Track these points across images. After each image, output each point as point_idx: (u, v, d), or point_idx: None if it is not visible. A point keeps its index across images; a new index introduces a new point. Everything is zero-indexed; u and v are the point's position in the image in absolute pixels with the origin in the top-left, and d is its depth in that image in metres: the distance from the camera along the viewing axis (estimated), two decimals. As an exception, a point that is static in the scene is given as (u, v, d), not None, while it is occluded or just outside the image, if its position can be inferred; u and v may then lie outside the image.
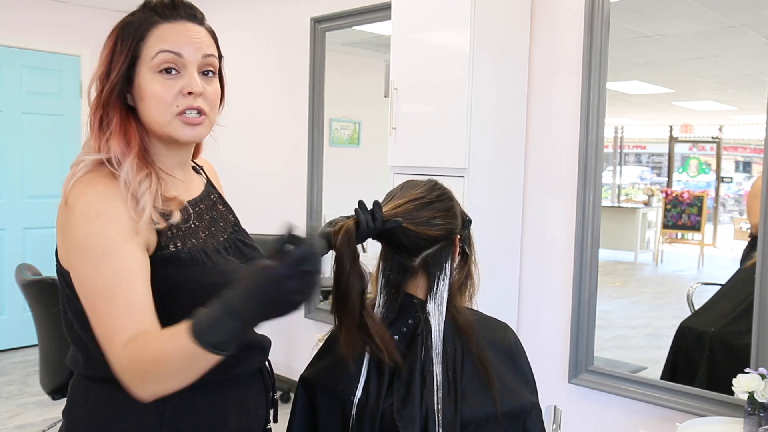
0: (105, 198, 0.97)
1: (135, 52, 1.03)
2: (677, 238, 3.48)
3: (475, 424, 1.16)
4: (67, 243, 0.99)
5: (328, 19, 3.65)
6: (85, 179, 0.99)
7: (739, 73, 3.09)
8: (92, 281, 0.93)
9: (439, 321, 1.20)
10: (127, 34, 1.04)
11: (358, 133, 4.23)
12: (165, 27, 1.05)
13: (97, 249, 0.93)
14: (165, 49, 1.02)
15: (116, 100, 1.03)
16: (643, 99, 3.40)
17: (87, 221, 0.95)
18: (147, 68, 1.02)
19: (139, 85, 1.03)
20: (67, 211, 0.98)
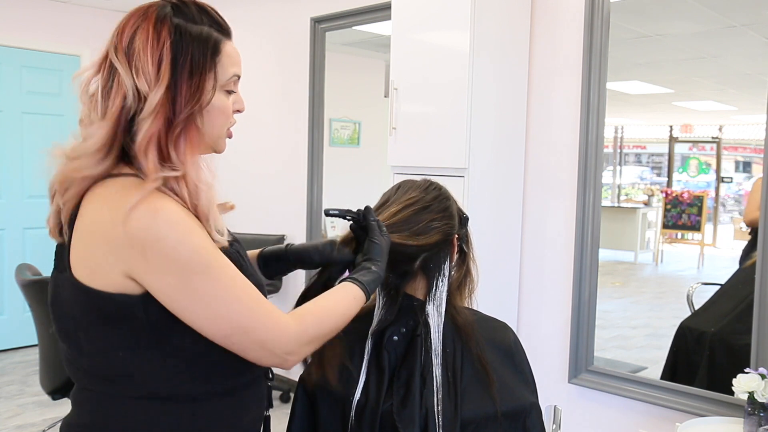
0: (182, 213, 0.94)
1: (214, 70, 1.01)
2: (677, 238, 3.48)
3: (475, 424, 1.16)
4: (157, 264, 0.92)
5: (328, 19, 3.65)
6: (148, 198, 0.92)
7: (739, 73, 3.09)
8: (217, 289, 0.95)
9: (438, 322, 1.20)
10: (196, 44, 0.99)
11: (358, 133, 4.24)
12: (229, 46, 1.05)
13: (208, 260, 0.94)
14: (238, 74, 1.06)
15: (194, 118, 0.99)
16: (643, 99, 3.40)
17: (184, 238, 0.92)
18: (218, 86, 1.02)
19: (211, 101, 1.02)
20: (139, 234, 0.91)
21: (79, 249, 0.96)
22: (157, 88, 0.95)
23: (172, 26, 0.98)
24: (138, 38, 0.97)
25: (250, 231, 4.16)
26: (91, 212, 0.96)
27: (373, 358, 1.21)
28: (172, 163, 0.96)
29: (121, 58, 0.97)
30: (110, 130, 0.96)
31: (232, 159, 4.36)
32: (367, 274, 1.11)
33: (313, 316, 1.04)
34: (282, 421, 1.29)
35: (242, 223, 4.24)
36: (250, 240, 4.08)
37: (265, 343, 0.98)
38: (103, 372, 1.00)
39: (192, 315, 0.95)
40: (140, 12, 1.00)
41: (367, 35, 3.76)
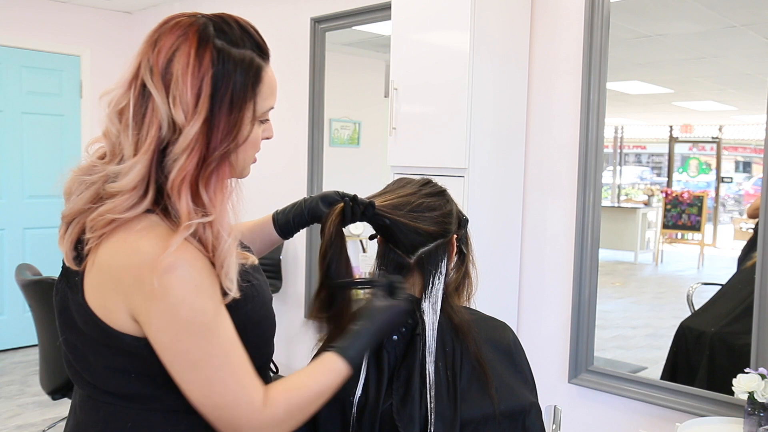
0: (197, 267, 0.89)
1: (254, 100, 0.94)
2: (677, 238, 3.48)
3: (474, 424, 1.16)
4: (157, 315, 0.89)
5: (328, 19, 3.65)
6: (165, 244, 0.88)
7: (739, 73, 3.09)
8: (206, 356, 0.90)
9: (434, 320, 1.20)
10: (239, 71, 0.92)
11: (358, 133, 4.24)
12: (269, 73, 0.98)
13: (204, 326, 0.90)
14: (273, 106, 1.00)
15: (228, 153, 0.93)
16: (643, 99, 3.40)
17: (189, 298, 0.88)
18: (252, 116, 0.96)
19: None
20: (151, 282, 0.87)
21: (94, 281, 0.93)
22: (194, 121, 0.89)
23: (214, 50, 0.91)
24: (177, 62, 0.90)
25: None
26: (109, 249, 0.91)
27: (372, 357, 1.21)
28: (204, 204, 0.90)
29: (156, 83, 0.90)
30: (146, 165, 0.89)
31: (232, 159, 4.37)
32: (352, 340, 1.04)
33: (285, 399, 0.97)
34: (282, 421, 1.29)
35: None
36: (250, 240, 4.08)
37: (236, 423, 0.93)
38: (112, 389, 0.97)
39: (175, 373, 0.92)
40: (179, 30, 0.92)
41: (367, 35, 3.76)
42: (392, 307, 1.08)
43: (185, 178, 0.89)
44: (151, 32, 0.95)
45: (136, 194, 0.90)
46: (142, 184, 0.90)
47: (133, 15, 5.19)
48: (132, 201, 0.90)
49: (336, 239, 1.16)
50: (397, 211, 1.19)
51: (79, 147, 4.94)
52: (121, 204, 0.89)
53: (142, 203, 0.90)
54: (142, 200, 0.90)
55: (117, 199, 0.89)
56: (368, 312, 1.07)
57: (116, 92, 0.94)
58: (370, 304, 1.08)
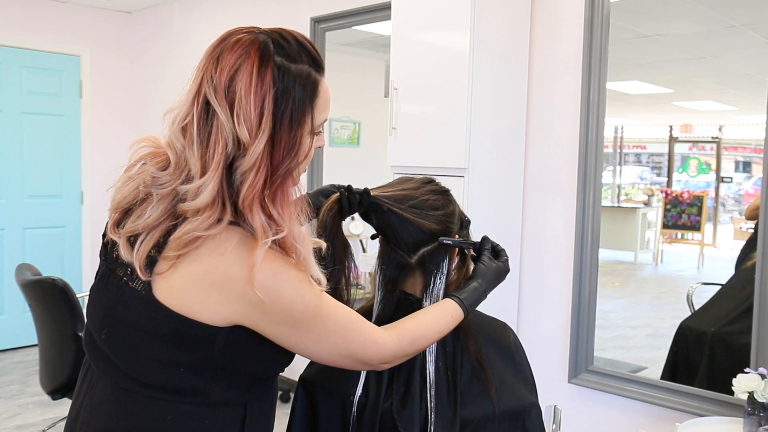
0: (291, 265, 0.96)
1: (312, 114, 0.97)
2: (677, 238, 3.48)
3: (474, 424, 1.16)
4: (273, 316, 0.96)
5: (328, 19, 3.66)
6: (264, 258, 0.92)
7: (739, 73, 3.09)
8: (325, 328, 1.01)
9: None
10: (298, 87, 0.95)
11: (358, 133, 4.24)
12: (324, 86, 1.00)
13: (317, 309, 0.99)
14: (327, 119, 1.03)
15: (291, 168, 0.96)
16: (643, 99, 3.40)
17: (298, 294, 0.96)
18: (310, 130, 0.99)
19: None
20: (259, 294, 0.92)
21: (179, 286, 0.94)
22: (259, 139, 0.91)
23: (275, 68, 0.93)
24: (240, 80, 0.92)
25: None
26: (205, 261, 0.93)
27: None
28: (274, 218, 0.94)
29: (220, 101, 0.92)
30: (218, 182, 0.92)
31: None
32: (471, 294, 1.17)
33: (410, 334, 1.10)
34: (282, 421, 1.29)
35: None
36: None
37: (367, 361, 1.07)
38: (155, 382, 0.99)
39: (304, 350, 1.02)
40: (241, 48, 0.94)
41: (367, 35, 3.76)
42: (500, 268, 1.22)
43: (255, 195, 0.92)
44: (211, 48, 0.97)
45: (215, 211, 0.92)
46: (218, 200, 0.92)
47: (133, 15, 5.19)
48: (214, 218, 0.92)
49: (330, 228, 1.18)
50: (398, 204, 1.19)
51: (78, 147, 4.94)
52: (204, 221, 0.92)
53: (223, 219, 0.93)
54: (222, 216, 0.93)
55: (200, 217, 0.92)
56: (484, 272, 1.20)
57: (181, 109, 0.96)
58: (485, 265, 1.21)
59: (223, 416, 1.02)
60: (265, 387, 1.09)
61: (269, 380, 1.10)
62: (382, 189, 1.24)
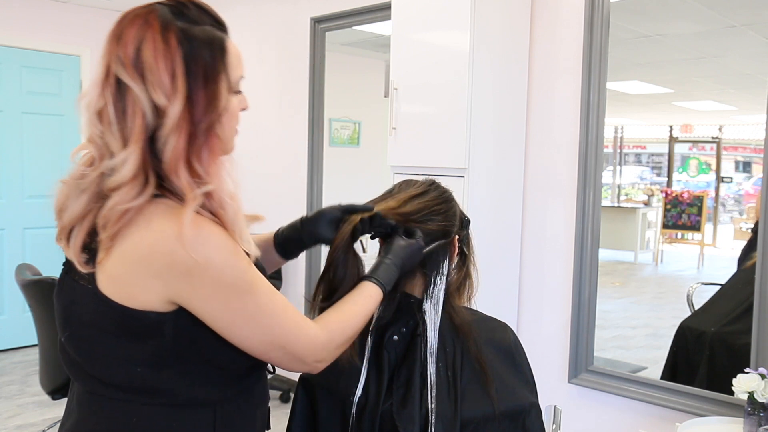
0: (223, 234, 0.94)
1: (225, 71, 0.97)
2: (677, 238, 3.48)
3: (474, 424, 1.16)
4: (202, 286, 0.93)
5: (328, 19, 3.66)
6: (192, 223, 0.91)
7: (739, 73, 3.09)
8: (258, 308, 0.97)
9: (435, 320, 1.20)
10: (205, 45, 0.95)
11: (358, 133, 4.24)
12: (232, 44, 1.00)
13: (248, 282, 0.96)
14: (243, 75, 1.03)
15: (213, 126, 0.96)
16: (643, 99, 3.40)
17: (229, 261, 0.94)
18: (227, 87, 0.99)
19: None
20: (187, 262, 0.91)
21: (114, 270, 0.94)
22: (175, 100, 0.92)
23: (178, 31, 0.94)
24: (146, 49, 0.92)
25: (251, 231, 4.15)
26: (134, 237, 0.92)
27: (372, 357, 1.21)
28: (200, 178, 0.93)
29: (131, 74, 0.92)
30: (140, 153, 0.91)
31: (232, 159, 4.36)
32: (384, 271, 1.15)
33: (337, 323, 1.07)
34: (282, 421, 1.30)
35: (242, 223, 4.23)
36: (250, 240, 4.08)
37: (299, 356, 1.02)
38: (116, 381, 0.99)
39: (233, 333, 0.97)
40: (139, 19, 0.94)
41: (367, 35, 3.76)
42: (410, 245, 1.18)
43: (180, 157, 0.92)
44: (111, 31, 0.97)
45: (138, 182, 0.92)
46: (141, 172, 0.92)
47: (133, 15, 5.18)
48: (137, 189, 0.92)
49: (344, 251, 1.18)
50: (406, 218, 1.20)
51: (79, 147, 4.94)
52: (127, 194, 0.91)
53: (147, 189, 0.92)
54: (145, 186, 0.92)
55: (122, 191, 0.91)
56: (393, 248, 1.18)
57: (91, 94, 0.95)
58: (393, 242, 1.18)
59: (190, 419, 1.00)
60: (238, 388, 1.05)
61: (241, 380, 1.05)
62: (386, 202, 1.23)
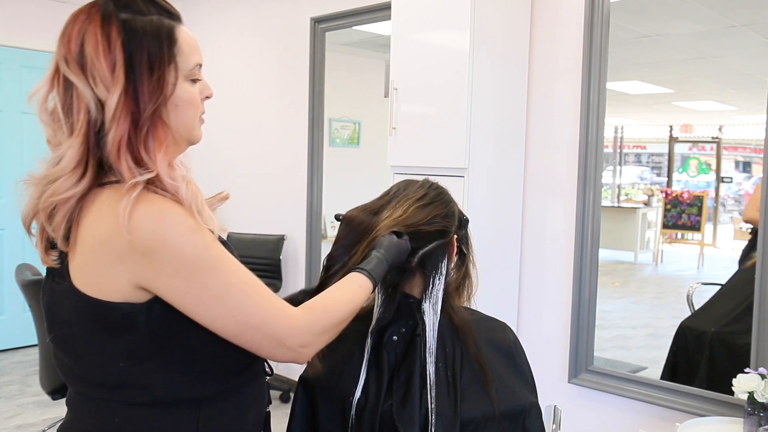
0: (180, 211, 0.93)
1: (174, 60, 0.97)
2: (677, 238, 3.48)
3: (474, 424, 1.16)
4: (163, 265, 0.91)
5: (328, 19, 3.66)
6: (144, 201, 0.91)
7: (739, 73, 3.09)
8: (226, 286, 0.95)
9: (434, 320, 1.20)
10: (150, 36, 0.95)
11: (358, 133, 4.24)
12: (184, 32, 1.00)
13: (212, 258, 0.94)
14: (199, 62, 1.03)
15: (159, 114, 0.96)
16: (643, 99, 3.40)
17: (189, 238, 0.92)
18: (181, 76, 0.99)
19: (175, 93, 0.98)
20: (144, 241, 0.90)
21: (81, 262, 0.95)
22: (114, 90, 0.92)
23: (120, 23, 0.94)
24: (88, 43, 0.93)
25: (250, 231, 4.16)
26: (90, 225, 0.93)
27: (372, 357, 1.21)
28: (145, 164, 0.93)
29: (74, 69, 0.93)
30: (81, 146, 0.93)
31: (231, 159, 4.35)
32: (371, 262, 1.14)
33: (321, 307, 1.04)
34: (282, 421, 1.29)
35: (242, 223, 4.24)
36: (250, 240, 4.09)
37: (278, 337, 0.98)
38: (100, 380, 0.99)
39: (203, 314, 0.95)
40: (83, 15, 0.95)
41: (367, 35, 3.76)
42: (400, 243, 1.19)
43: (121, 145, 0.92)
44: (60, 32, 0.98)
45: (75, 174, 0.93)
46: (81, 164, 0.93)
47: (133, 15, 5.19)
48: (72, 180, 0.93)
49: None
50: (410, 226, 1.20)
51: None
52: (62, 185, 0.93)
53: (82, 181, 0.93)
54: (82, 179, 0.93)
55: (59, 181, 0.93)
56: (382, 243, 1.17)
57: (41, 91, 0.97)
58: (383, 239, 1.18)
59: (172, 418, 0.99)
60: (226, 387, 1.03)
61: (229, 378, 1.04)
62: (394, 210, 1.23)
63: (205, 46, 1.05)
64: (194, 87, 1.02)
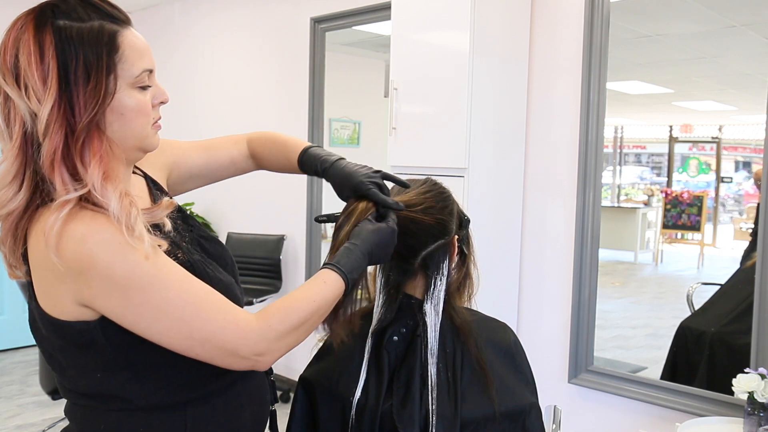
0: (110, 230, 0.89)
1: (114, 69, 0.92)
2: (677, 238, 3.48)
3: (474, 425, 1.16)
4: (96, 285, 0.89)
5: (328, 19, 3.66)
6: (74, 219, 0.88)
7: (739, 73, 3.09)
8: (164, 301, 0.91)
9: (436, 321, 1.20)
10: (87, 44, 0.90)
11: (358, 133, 4.24)
12: (130, 36, 0.95)
13: (145, 275, 0.90)
14: (148, 68, 0.97)
15: (96, 124, 0.91)
16: (643, 99, 3.40)
17: (116, 257, 0.88)
18: (125, 84, 0.94)
19: (118, 101, 0.93)
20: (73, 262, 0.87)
21: (36, 282, 0.94)
22: (46, 102, 0.88)
23: (54, 31, 0.89)
24: (21, 54, 0.89)
25: (250, 231, 4.16)
26: (33, 245, 0.92)
27: (372, 358, 1.21)
28: (80, 177, 0.89)
29: (9, 81, 0.90)
30: (15, 159, 0.90)
31: (232, 159, 4.35)
32: (343, 255, 1.05)
33: (277, 310, 0.97)
34: (282, 421, 1.29)
35: (242, 223, 4.24)
36: (250, 240, 4.09)
37: (229, 348, 0.94)
38: (83, 390, 0.99)
39: (147, 331, 0.92)
40: (19, 23, 0.91)
41: (367, 35, 3.76)
42: (380, 229, 1.09)
43: (55, 157, 0.89)
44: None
45: (12, 187, 0.91)
46: (17, 178, 0.91)
47: (132, 15, 5.15)
48: (10, 194, 0.91)
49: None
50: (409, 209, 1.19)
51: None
52: (0, 197, 0.91)
53: (18, 195, 0.91)
54: (18, 192, 0.91)
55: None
56: (358, 232, 1.08)
57: None
58: (359, 227, 1.09)
59: (159, 422, 0.99)
60: (210, 388, 1.02)
61: (213, 380, 1.02)
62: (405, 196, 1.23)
63: (204, 47, 1.03)
64: (143, 94, 0.97)
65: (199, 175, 1.29)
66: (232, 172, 1.35)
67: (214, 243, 1.13)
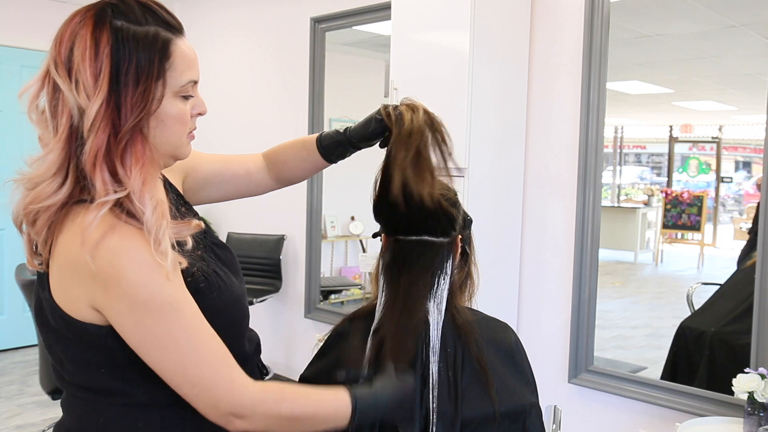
0: (145, 249, 0.89)
1: (163, 75, 0.93)
2: (677, 238, 3.48)
3: (474, 425, 1.16)
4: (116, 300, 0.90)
5: (328, 19, 3.66)
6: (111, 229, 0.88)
7: (739, 73, 3.09)
8: (170, 336, 0.91)
9: (438, 320, 1.20)
10: (141, 48, 0.92)
11: (358, 133, 4.23)
12: (182, 46, 0.96)
13: (165, 306, 0.90)
14: (194, 79, 0.99)
15: (140, 129, 0.92)
16: (643, 99, 3.40)
17: (144, 279, 0.89)
18: (170, 92, 0.95)
19: (161, 108, 0.94)
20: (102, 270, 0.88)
21: (56, 276, 0.94)
22: (95, 100, 0.89)
23: (112, 30, 0.91)
24: (77, 48, 0.91)
25: (250, 231, 4.16)
26: (62, 242, 0.92)
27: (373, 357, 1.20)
28: (120, 179, 0.90)
29: (61, 73, 0.91)
30: (61, 152, 0.91)
31: (232, 159, 4.35)
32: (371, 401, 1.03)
33: (281, 393, 0.98)
34: (282, 421, 1.29)
35: (242, 223, 4.23)
36: (250, 240, 4.09)
37: (214, 402, 0.94)
38: (85, 384, 0.99)
39: (144, 355, 0.93)
40: (78, 17, 0.94)
41: (367, 35, 3.76)
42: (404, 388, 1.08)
43: (97, 156, 0.89)
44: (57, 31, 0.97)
45: (56, 181, 0.91)
46: (61, 171, 0.91)
47: (133, 15, 5.19)
48: (53, 187, 0.91)
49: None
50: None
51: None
52: (42, 191, 0.91)
53: (61, 189, 0.91)
54: (61, 187, 0.91)
55: (38, 188, 0.92)
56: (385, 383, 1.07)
57: (31, 90, 0.97)
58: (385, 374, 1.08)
59: (158, 418, 0.99)
60: None
61: None
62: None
63: (205, 46, 1.03)
64: (185, 103, 0.99)
65: (213, 182, 1.32)
66: (247, 184, 1.40)
67: (225, 250, 1.14)
